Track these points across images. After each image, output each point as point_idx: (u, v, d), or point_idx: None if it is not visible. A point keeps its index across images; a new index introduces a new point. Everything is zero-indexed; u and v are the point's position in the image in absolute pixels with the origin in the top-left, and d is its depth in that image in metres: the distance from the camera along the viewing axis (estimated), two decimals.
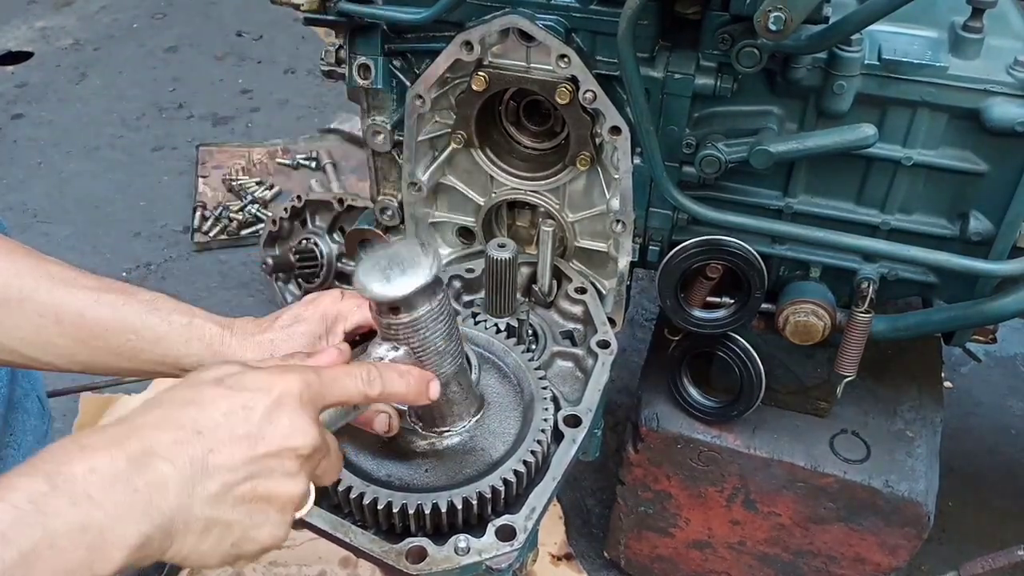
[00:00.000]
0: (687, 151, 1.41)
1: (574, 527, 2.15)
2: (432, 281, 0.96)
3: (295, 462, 0.86)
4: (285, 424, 0.85)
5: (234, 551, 0.85)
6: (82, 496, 0.74)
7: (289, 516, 0.89)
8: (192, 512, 0.80)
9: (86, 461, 0.76)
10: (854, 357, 1.45)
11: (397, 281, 0.94)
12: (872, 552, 1.68)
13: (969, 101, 1.28)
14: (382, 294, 0.94)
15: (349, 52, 1.48)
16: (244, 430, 0.83)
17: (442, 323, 1.00)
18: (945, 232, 1.41)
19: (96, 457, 0.76)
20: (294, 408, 0.86)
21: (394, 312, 0.97)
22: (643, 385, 1.74)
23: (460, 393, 1.08)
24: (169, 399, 0.85)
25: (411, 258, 0.95)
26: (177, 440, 0.80)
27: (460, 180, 1.58)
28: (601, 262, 1.59)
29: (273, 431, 0.85)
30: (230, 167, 3.25)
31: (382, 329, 1.00)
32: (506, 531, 1.03)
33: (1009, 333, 2.63)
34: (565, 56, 1.32)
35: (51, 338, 1.08)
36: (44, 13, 4.33)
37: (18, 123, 3.59)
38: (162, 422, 0.82)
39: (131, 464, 0.77)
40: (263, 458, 0.84)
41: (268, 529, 0.86)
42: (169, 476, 0.79)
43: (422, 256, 0.96)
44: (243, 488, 0.83)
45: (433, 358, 1.01)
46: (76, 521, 0.72)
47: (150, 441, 0.79)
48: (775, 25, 1.12)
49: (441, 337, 1.00)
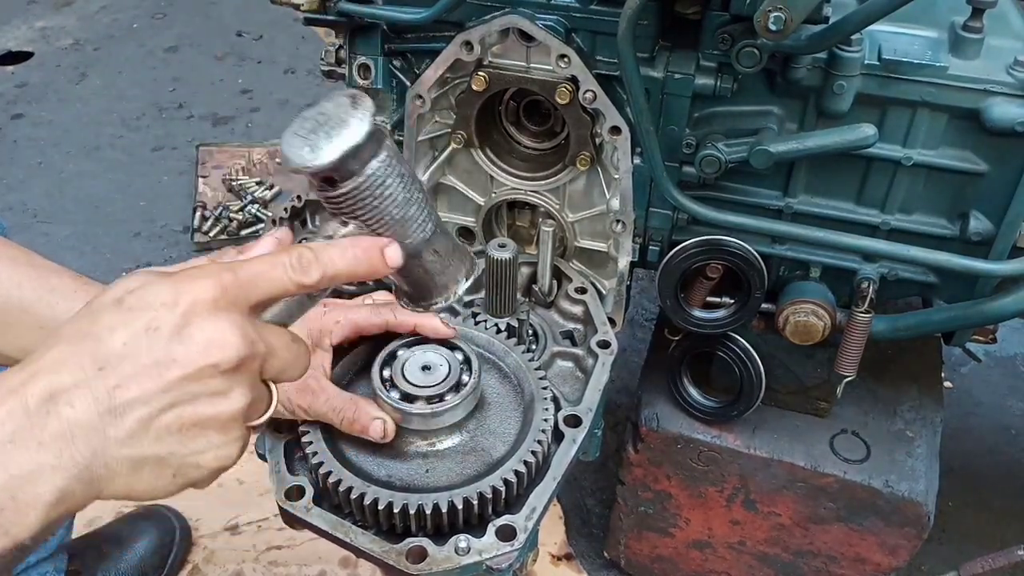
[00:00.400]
0: (687, 151, 1.41)
1: (574, 527, 2.15)
2: (365, 140, 0.80)
3: (220, 379, 0.77)
4: (198, 339, 0.75)
5: (180, 480, 0.79)
6: None
7: (234, 433, 0.80)
8: (110, 454, 0.73)
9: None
10: (854, 357, 1.45)
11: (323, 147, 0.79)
12: (872, 552, 1.68)
13: (969, 101, 1.28)
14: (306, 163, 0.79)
15: (349, 52, 1.48)
16: (151, 357, 0.74)
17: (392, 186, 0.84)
18: (945, 232, 1.41)
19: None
20: (208, 318, 0.76)
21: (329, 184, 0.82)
22: (643, 385, 1.74)
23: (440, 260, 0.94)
24: (67, 333, 0.76)
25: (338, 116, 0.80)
26: (78, 381, 0.72)
27: (460, 180, 1.58)
28: (601, 262, 1.59)
29: (185, 351, 0.75)
30: (230, 167, 3.25)
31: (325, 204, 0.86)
32: (506, 531, 1.03)
33: (1009, 333, 2.63)
34: (565, 56, 1.32)
35: None
36: (44, 13, 4.33)
37: (18, 123, 3.59)
38: (61, 361, 0.73)
39: (31, 417, 0.71)
40: (180, 382, 0.75)
41: (212, 453, 0.79)
42: (75, 422, 0.71)
43: (351, 110, 0.80)
44: (165, 419, 0.75)
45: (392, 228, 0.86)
46: None
47: (49, 386, 0.72)
48: (775, 25, 1.12)
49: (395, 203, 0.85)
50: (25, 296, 1.06)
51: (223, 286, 0.78)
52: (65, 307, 1.07)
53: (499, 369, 1.24)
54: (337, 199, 0.83)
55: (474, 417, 1.15)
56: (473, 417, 1.15)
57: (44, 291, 1.07)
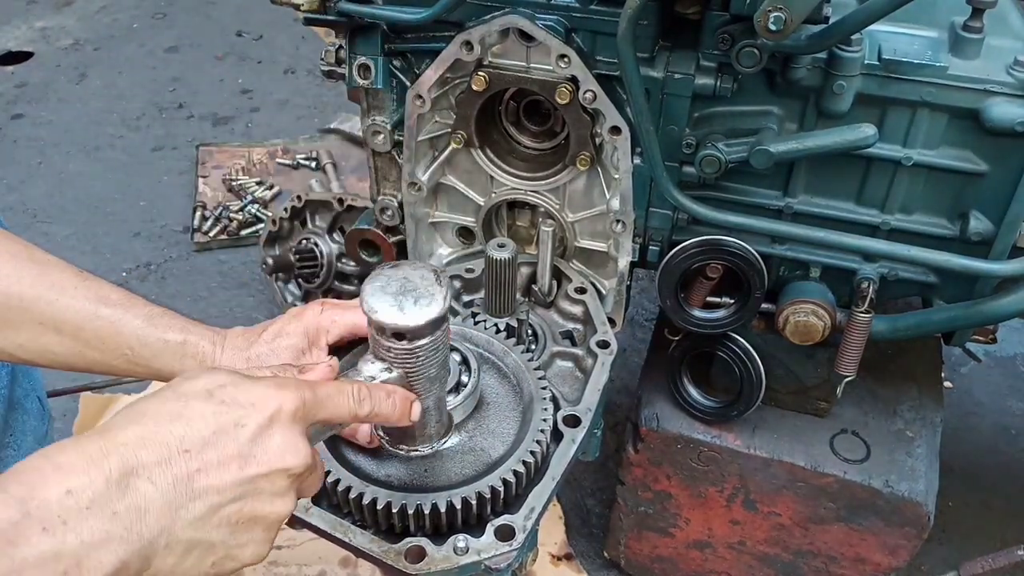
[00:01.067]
0: (687, 151, 1.40)
1: (574, 527, 2.15)
2: (443, 315, 0.95)
3: (286, 481, 0.84)
4: (277, 443, 0.82)
5: (214, 570, 0.83)
6: (56, 522, 0.69)
7: (274, 533, 0.86)
8: (174, 534, 0.77)
9: (61, 483, 0.71)
10: (854, 357, 1.45)
11: (410, 311, 0.92)
12: (872, 552, 1.68)
13: (969, 101, 1.28)
14: (393, 322, 0.93)
15: (349, 52, 1.48)
16: (235, 449, 0.80)
17: (440, 353, 0.99)
18: (945, 232, 1.41)
19: (72, 479, 0.72)
20: (287, 426, 0.84)
21: (397, 338, 0.96)
22: (643, 385, 1.74)
23: (435, 418, 1.08)
24: (155, 412, 0.80)
25: (425, 288, 0.94)
26: (161, 459, 0.76)
27: (460, 180, 1.58)
28: (601, 262, 1.59)
29: (264, 451, 0.82)
30: (230, 167, 3.25)
31: (377, 348, 0.99)
32: (505, 531, 1.03)
33: (1009, 333, 2.63)
34: (565, 56, 1.32)
35: (49, 345, 1.09)
36: (44, 13, 4.33)
37: (18, 123, 3.59)
38: (146, 439, 0.77)
39: (110, 486, 0.73)
40: (254, 479, 0.81)
41: (252, 548, 0.84)
42: (152, 499, 0.75)
43: (436, 287, 0.95)
44: (230, 509, 0.80)
45: (424, 384, 1.00)
46: (48, 549, 0.69)
47: (132, 460, 0.75)
48: (775, 25, 1.12)
49: (436, 366, 1.00)
50: (25, 292, 1.06)
51: (303, 400, 0.86)
52: (64, 304, 1.07)
53: (498, 369, 1.24)
54: (396, 350, 0.97)
55: (473, 417, 1.15)
56: (472, 417, 1.15)
57: (44, 287, 1.07)
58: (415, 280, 0.95)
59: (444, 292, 0.95)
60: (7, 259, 1.07)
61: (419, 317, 0.92)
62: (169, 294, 2.79)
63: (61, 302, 1.07)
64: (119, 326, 1.09)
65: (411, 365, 0.98)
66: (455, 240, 1.68)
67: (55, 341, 1.08)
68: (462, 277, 1.49)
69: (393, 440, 1.11)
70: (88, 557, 0.71)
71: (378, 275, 0.96)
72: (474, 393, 1.13)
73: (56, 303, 1.07)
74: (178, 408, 0.81)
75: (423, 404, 1.02)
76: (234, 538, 0.82)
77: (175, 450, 0.77)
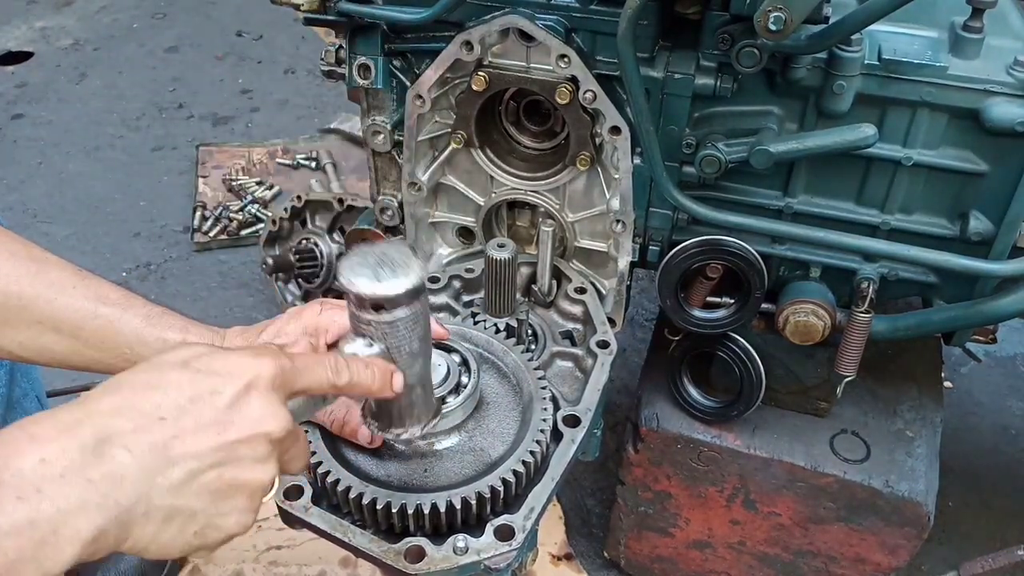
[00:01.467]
0: (687, 151, 1.40)
1: (574, 527, 2.15)
2: (421, 283, 0.95)
3: (267, 447, 0.83)
4: (256, 409, 0.82)
5: (197, 540, 0.82)
6: (30, 490, 0.70)
7: (257, 502, 0.85)
8: (152, 502, 0.76)
9: (36, 452, 0.71)
10: (854, 357, 1.45)
11: (387, 281, 0.93)
12: (872, 552, 1.68)
13: (969, 101, 1.28)
14: (371, 292, 0.93)
15: (349, 52, 1.48)
16: (211, 416, 0.80)
17: (420, 326, 0.99)
18: (945, 232, 1.41)
19: (47, 447, 0.72)
20: (265, 393, 0.83)
21: (376, 310, 0.95)
22: (643, 385, 1.74)
23: (422, 398, 1.07)
24: (130, 382, 0.80)
25: (401, 260, 0.95)
26: (137, 427, 0.76)
27: (460, 180, 1.58)
28: (601, 262, 1.59)
29: (243, 417, 0.81)
30: (230, 167, 3.25)
31: (357, 324, 0.98)
32: (505, 531, 1.03)
33: (1009, 333, 2.63)
34: (565, 56, 1.32)
35: (48, 344, 1.09)
36: (44, 13, 4.34)
37: (18, 123, 3.59)
38: (121, 408, 0.77)
39: (85, 454, 0.73)
40: (232, 444, 0.80)
41: (235, 517, 0.83)
42: (127, 465, 0.74)
43: (412, 259, 0.95)
44: (209, 476, 0.79)
45: (405, 359, 1.00)
46: (23, 518, 0.69)
47: (107, 429, 0.75)
48: (775, 25, 1.12)
49: (417, 339, 0.99)
50: (24, 291, 1.06)
51: (281, 367, 0.85)
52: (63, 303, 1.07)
53: (498, 369, 1.24)
54: (377, 323, 0.96)
55: (473, 417, 1.15)
56: (472, 417, 1.15)
57: (43, 286, 1.07)
58: (391, 254, 0.95)
59: (420, 263, 0.95)
60: (6, 257, 1.07)
61: (397, 287, 0.92)
62: (169, 294, 2.79)
63: (60, 301, 1.07)
64: (118, 325, 1.09)
65: (392, 338, 0.97)
66: (455, 240, 1.68)
67: (54, 340, 1.08)
68: (462, 277, 1.49)
69: (382, 425, 1.08)
70: (65, 525, 0.71)
71: (354, 252, 0.96)
72: (474, 393, 1.13)
73: (55, 302, 1.07)
74: (154, 378, 0.81)
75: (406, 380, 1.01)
76: (216, 506, 0.81)
77: (151, 417, 0.77)
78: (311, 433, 1.10)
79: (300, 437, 0.91)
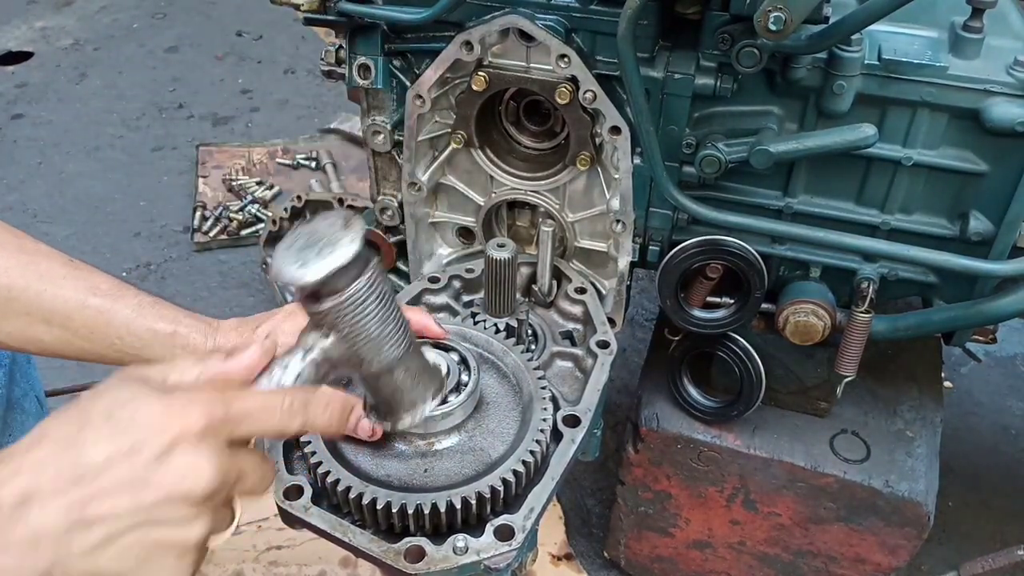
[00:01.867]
0: (687, 151, 1.40)
1: (574, 527, 2.15)
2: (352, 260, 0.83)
3: (189, 508, 0.78)
4: (178, 466, 0.76)
5: None
6: None
7: (191, 558, 0.81)
8: (70, 565, 0.73)
9: None
10: (854, 357, 1.45)
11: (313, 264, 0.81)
12: (872, 552, 1.68)
13: (969, 101, 1.28)
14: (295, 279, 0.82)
15: (349, 52, 1.48)
16: (129, 475, 0.75)
17: (372, 306, 0.87)
18: (945, 232, 1.41)
19: None
20: (192, 446, 0.77)
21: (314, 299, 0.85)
22: (643, 385, 1.74)
23: (410, 378, 0.97)
24: (52, 436, 0.76)
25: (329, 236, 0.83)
26: (55, 489, 0.73)
27: (460, 180, 1.58)
28: (601, 262, 1.59)
29: (162, 477, 0.76)
30: (230, 167, 3.25)
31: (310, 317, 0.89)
32: (504, 531, 1.03)
33: (1009, 333, 2.63)
34: (565, 56, 1.32)
35: (38, 335, 1.08)
36: (44, 13, 4.34)
37: (18, 123, 3.59)
38: (42, 464, 0.74)
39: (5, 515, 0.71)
40: (151, 506, 0.75)
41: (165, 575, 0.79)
42: (41, 530, 0.72)
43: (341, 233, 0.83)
44: (129, 539, 0.75)
45: (367, 345, 0.90)
46: None
47: (27, 488, 0.72)
48: (775, 25, 1.12)
49: (375, 322, 0.88)
50: (13, 282, 1.06)
51: (212, 421, 0.79)
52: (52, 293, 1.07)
53: (498, 369, 1.24)
54: (321, 313, 0.86)
55: (473, 417, 1.15)
56: (472, 417, 1.15)
57: (32, 277, 1.07)
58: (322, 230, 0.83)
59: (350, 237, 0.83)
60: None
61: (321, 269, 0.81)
62: (169, 294, 2.79)
63: (49, 292, 1.07)
64: (108, 316, 1.08)
65: (343, 326, 0.87)
66: (455, 240, 1.68)
67: (44, 331, 1.08)
68: (462, 277, 1.49)
69: (380, 415, 1.04)
70: None
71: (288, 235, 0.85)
72: (474, 393, 1.13)
73: (44, 293, 1.06)
74: (75, 431, 0.77)
75: (374, 368, 0.92)
76: (140, 568, 0.77)
77: (67, 477, 0.74)
78: None
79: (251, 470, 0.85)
